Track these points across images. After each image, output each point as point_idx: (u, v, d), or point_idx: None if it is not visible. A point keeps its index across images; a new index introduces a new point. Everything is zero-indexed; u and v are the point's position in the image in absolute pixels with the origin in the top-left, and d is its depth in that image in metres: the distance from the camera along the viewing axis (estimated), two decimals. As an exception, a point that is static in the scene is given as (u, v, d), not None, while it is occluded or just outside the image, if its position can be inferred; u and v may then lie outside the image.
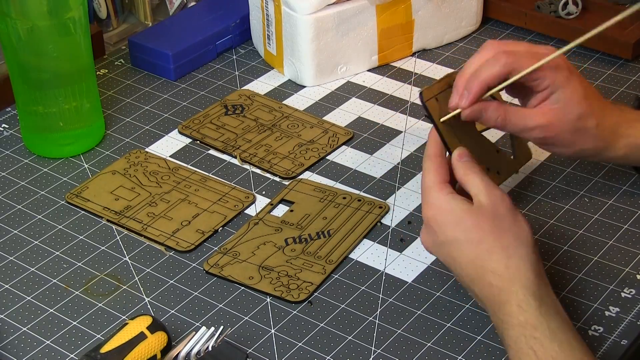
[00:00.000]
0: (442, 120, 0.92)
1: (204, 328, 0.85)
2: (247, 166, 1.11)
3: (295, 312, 0.92)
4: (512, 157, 1.02)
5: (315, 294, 0.94)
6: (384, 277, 0.96)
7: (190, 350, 0.84)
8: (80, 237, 1.02)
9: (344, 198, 1.05)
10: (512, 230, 0.86)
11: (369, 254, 0.99)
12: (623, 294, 0.93)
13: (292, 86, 1.24)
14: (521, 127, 0.95)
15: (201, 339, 0.84)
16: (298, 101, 1.21)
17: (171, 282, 0.96)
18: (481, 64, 0.92)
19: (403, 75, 1.25)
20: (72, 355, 0.88)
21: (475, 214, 0.86)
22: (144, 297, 0.94)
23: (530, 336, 0.81)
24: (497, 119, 0.94)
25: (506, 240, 0.85)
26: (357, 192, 1.06)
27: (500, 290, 0.84)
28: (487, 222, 0.86)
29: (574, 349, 0.81)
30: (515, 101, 0.99)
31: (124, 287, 0.95)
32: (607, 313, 0.91)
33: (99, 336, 0.90)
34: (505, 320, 0.83)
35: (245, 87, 1.24)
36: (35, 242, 1.01)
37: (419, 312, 0.92)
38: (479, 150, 0.94)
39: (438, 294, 0.94)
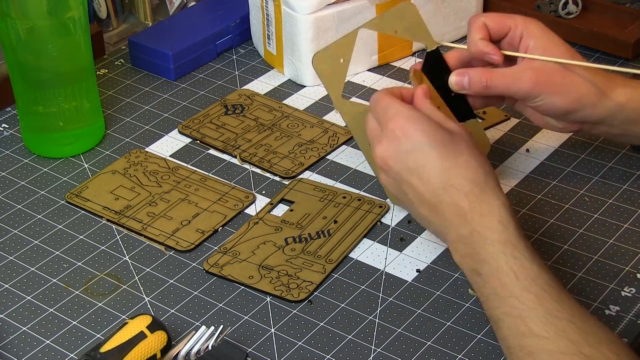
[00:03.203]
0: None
1: (203, 327, 0.85)
2: (247, 166, 1.11)
3: (295, 311, 0.92)
4: None
5: (315, 293, 0.94)
6: (383, 277, 0.96)
7: (190, 350, 0.84)
8: (80, 237, 1.02)
9: (344, 197, 1.05)
10: (483, 157, 0.87)
11: (369, 253, 0.99)
12: (623, 293, 0.93)
13: (292, 86, 1.24)
14: (509, 83, 0.97)
15: (201, 338, 0.84)
16: (298, 101, 1.21)
17: (171, 281, 0.96)
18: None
19: (403, 75, 1.25)
20: (72, 355, 0.88)
21: (449, 132, 0.87)
22: (144, 296, 0.94)
23: (511, 255, 0.81)
24: (480, 81, 0.97)
25: (481, 162, 0.86)
26: (357, 191, 1.06)
27: (480, 202, 0.84)
28: (462, 142, 0.87)
29: (549, 272, 0.81)
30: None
31: (124, 286, 0.95)
32: (607, 312, 0.91)
33: (98, 336, 0.90)
34: (484, 233, 0.83)
35: (245, 87, 1.24)
36: (35, 242, 1.01)
37: (418, 311, 0.92)
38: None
39: (438, 293, 0.94)
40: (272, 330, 0.90)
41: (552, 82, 0.96)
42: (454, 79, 0.99)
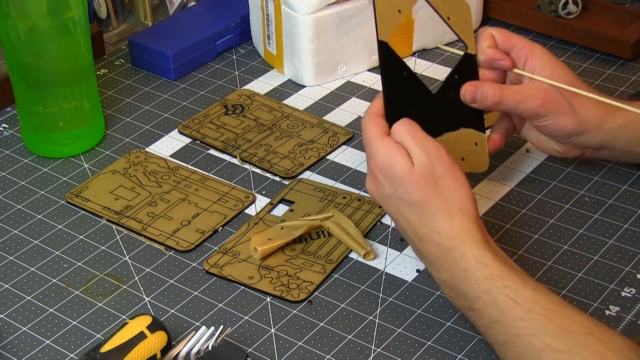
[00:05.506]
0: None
1: (203, 327, 0.85)
2: (247, 166, 1.11)
3: (295, 311, 0.92)
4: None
5: (315, 293, 0.94)
6: (384, 277, 0.96)
7: (190, 350, 0.84)
8: (80, 237, 1.02)
9: (344, 198, 1.05)
10: (451, 186, 0.87)
11: (369, 253, 0.99)
12: (623, 293, 0.93)
13: (292, 86, 1.24)
14: (519, 100, 0.97)
15: (201, 338, 0.84)
16: (298, 101, 1.21)
17: (171, 281, 0.96)
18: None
19: (403, 75, 1.25)
20: (72, 355, 0.88)
21: (415, 174, 0.87)
22: (144, 296, 0.94)
23: (502, 285, 0.81)
24: (494, 95, 0.97)
25: (447, 199, 0.86)
26: (357, 191, 1.06)
27: (449, 249, 0.85)
28: (428, 182, 0.87)
29: (546, 291, 0.81)
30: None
31: (124, 286, 0.95)
32: (607, 312, 0.91)
33: (99, 336, 0.90)
34: (465, 275, 0.84)
35: (245, 87, 1.24)
36: (35, 242, 1.01)
37: (418, 311, 0.92)
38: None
39: (438, 292, 0.94)
40: (272, 330, 0.90)
41: (560, 102, 0.97)
42: (467, 88, 0.98)
